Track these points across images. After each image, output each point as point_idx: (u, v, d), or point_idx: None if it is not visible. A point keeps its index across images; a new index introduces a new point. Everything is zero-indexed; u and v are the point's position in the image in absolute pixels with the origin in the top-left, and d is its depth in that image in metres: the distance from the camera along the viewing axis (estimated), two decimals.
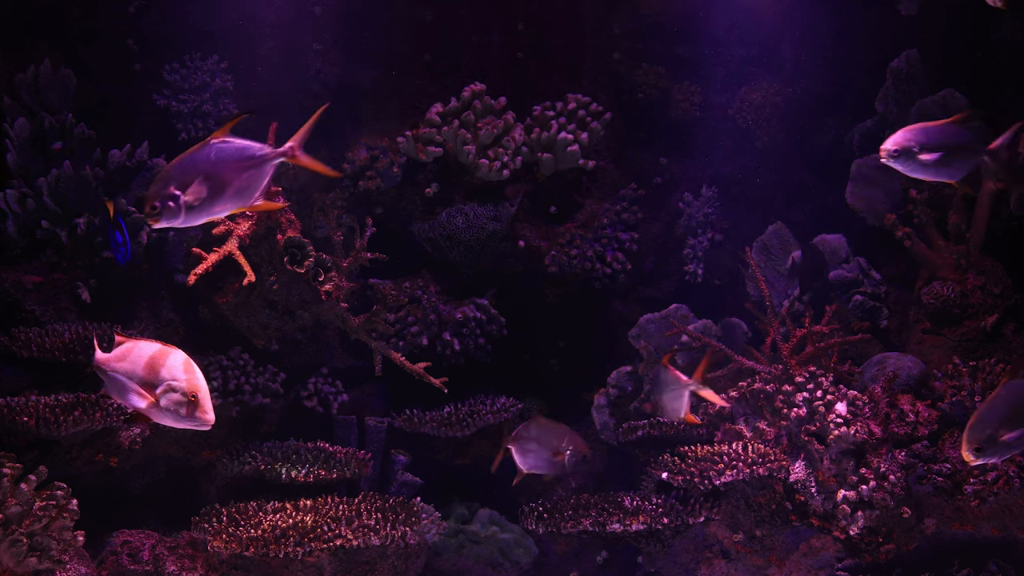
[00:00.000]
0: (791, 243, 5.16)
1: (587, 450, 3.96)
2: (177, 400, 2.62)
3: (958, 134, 3.29)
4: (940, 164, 3.26)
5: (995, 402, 3.03)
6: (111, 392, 2.75)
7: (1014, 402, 3.01)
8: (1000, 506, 3.84)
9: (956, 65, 5.06)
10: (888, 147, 3.24)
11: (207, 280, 4.11)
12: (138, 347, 2.68)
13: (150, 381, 2.63)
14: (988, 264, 4.43)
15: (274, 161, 2.80)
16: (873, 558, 3.93)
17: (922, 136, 3.25)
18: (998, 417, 3.01)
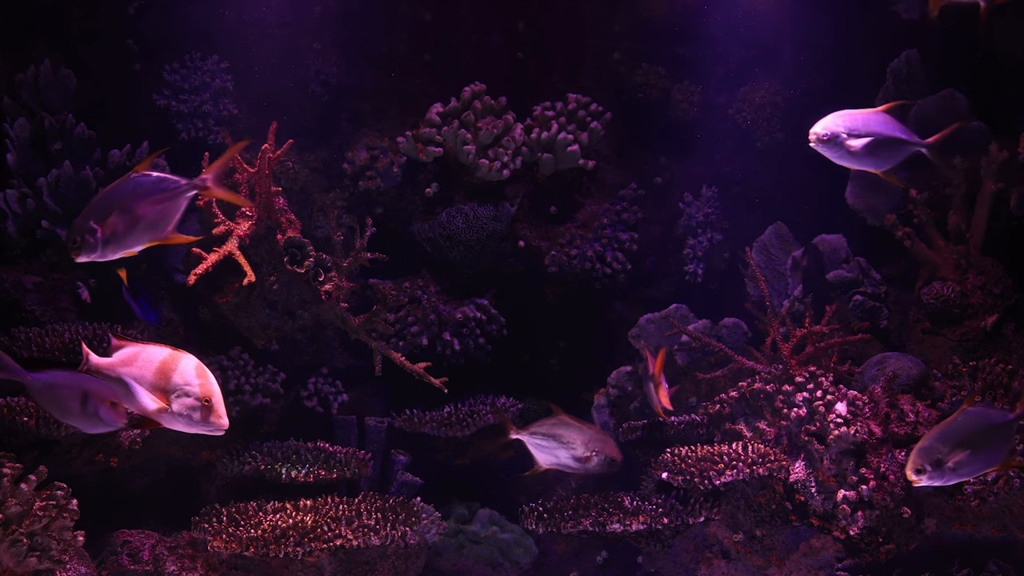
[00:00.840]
0: (791, 243, 5.16)
1: (618, 455, 3.91)
2: (191, 405, 2.61)
3: (888, 124, 3.23)
4: (868, 153, 3.20)
5: (948, 426, 3.02)
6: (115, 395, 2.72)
7: (966, 429, 3.00)
8: (1000, 506, 3.84)
9: (956, 65, 5.06)
10: (816, 131, 3.18)
11: (207, 280, 4.11)
12: (146, 351, 2.66)
13: (161, 386, 2.61)
14: (988, 264, 4.43)
15: (188, 193, 2.83)
16: (873, 558, 3.93)
17: (851, 122, 3.19)
18: (949, 442, 3.00)
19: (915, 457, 3.02)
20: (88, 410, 2.83)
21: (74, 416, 2.89)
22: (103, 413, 2.84)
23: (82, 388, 2.84)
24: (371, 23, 5.19)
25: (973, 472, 3.06)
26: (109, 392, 2.89)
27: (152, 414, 2.65)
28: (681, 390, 4.78)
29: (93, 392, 2.83)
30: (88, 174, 4.31)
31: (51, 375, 2.88)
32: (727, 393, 4.43)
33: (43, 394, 2.89)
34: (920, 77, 5.03)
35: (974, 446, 2.99)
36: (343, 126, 5.12)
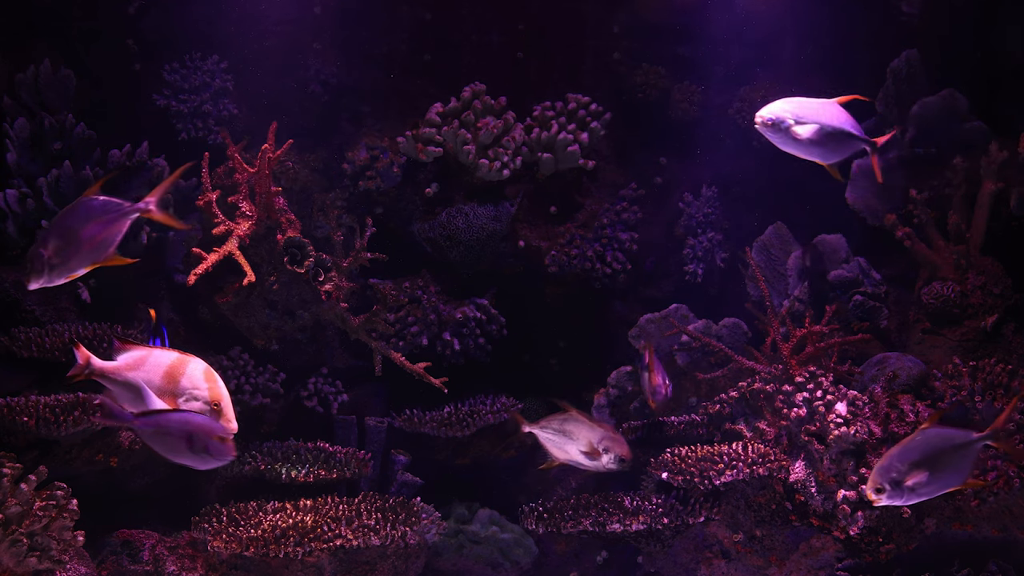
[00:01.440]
0: (791, 243, 5.16)
1: (628, 454, 3.90)
2: (199, 409, 2.61)
3: (838, 116, 3.20)
4: (814, 142, 3.18)
5: (908, 446, 3.02)
6: (119, 400, 2.71)
7: (926, 449, 3.00)
8: (1000, 506, 3.84)
9: (956, 65, 5.06)
10: (763, 115, 3.14)
11: (207, 280, 4.11)
12: (153, 355, 2.65)
13: (170, 390, 2.61)
14: (988, 264, 4.43)
15: (131, 215, 2.88)
16: (873, 558, 3.93)
17: (799, 110, 3.17)
18: (907, 461, 3.00)
19: (874, 476, 3.03)
20: (197, 447, 2.92)
21: (183, 455, 2.99)
22: (212, 449, 2.94)
23: (188, 427, 2.94)
24: (371, 23, 5.19)
25: (932, 492, 3.05)
26: (216, 427, 3.00)
27: None
28: (681, 390, 4.78)
29: (200, 429, 2.93)
30: (88, 174, 4.31)
31: (158, 419, 2.97)
32: (727, 393, 4.43)
33: (152, 437, 2.98)
34: (920, 77, 5.03)
35: (933, 466, 2.99)
36: (343, 126, 5.12)
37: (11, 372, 4.00)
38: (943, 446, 3.00)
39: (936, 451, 3.00)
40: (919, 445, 3.00)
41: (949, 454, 3.01)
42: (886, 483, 3.00)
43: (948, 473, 3.01)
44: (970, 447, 3.02)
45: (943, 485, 3.03)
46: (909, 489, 3.00)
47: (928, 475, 2.99)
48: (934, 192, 4.70)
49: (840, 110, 3.20)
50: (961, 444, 3.01)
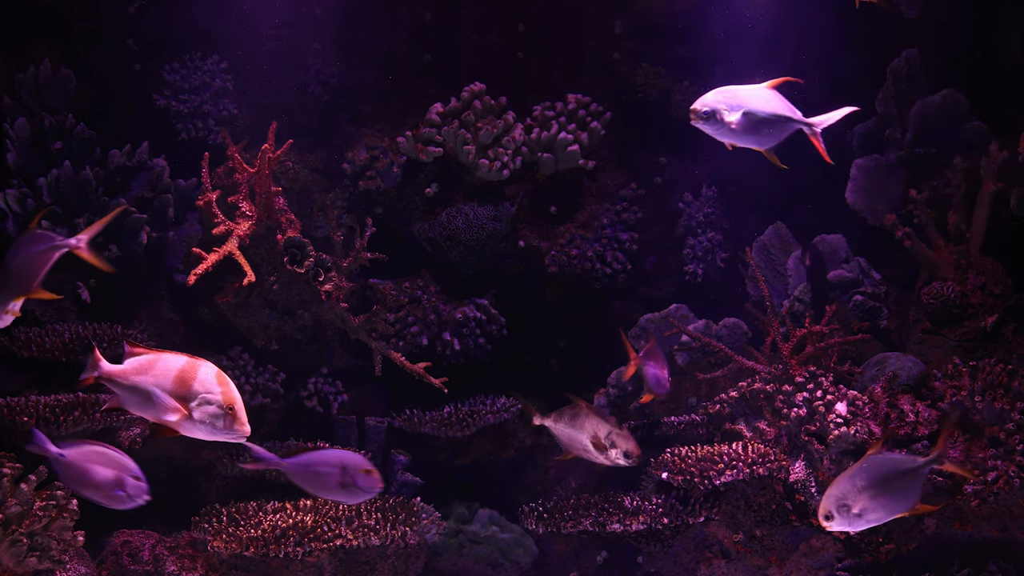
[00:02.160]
0: (791, 243, 5.16)
1: (637, 449, 3.90)
2: (214, 413, 2.59)
3: (771, 101, 3.12)
4: (749, 129, 3.13)
5: (856, 472, 3.05)
6: (127, 405, 2.68)
7: (873, 475, 3.02)
8: (1000, 506, 3.84)
9: (956, 65, 5.06)
10: (696, 107, 3.06)
11: (207, 280, 4.11)
12: (163, 359, 2.63)
13: (182, 394, 2.59)
14: (988, 264, 4.43)
15: (60, 250, 2.95)
16: (873, 558, 3.93)
17: (732, 98, 3.09)
18: (855, 488, 3.03)
19: (823, 502, 3.06)
20: (346, 482, 3.10)
21: (334, 491, 3.17)
22: (361, 482, 3.12)
23: (339, 463, 3.12)
24: (371, 23, 5.19)
25: (881, 518, 3.07)
26: (362, 461, 3.19)
27: (173, 423, 2.62)
28: (681, 390, 4.78)
29: (350, 465, 3.12)
30: (88, 174, 4.31)
31: (308, 457, 3.16)
32: (727, 393, 4.43)
33: (302, 476, 3.15)
34: (920, 77, 5.03)
35: (881, 492, 3.02)
36: (343, 126, 5.12)
37: (11, 372, 4.00)
38: (890, 472, 3.03)
39: (883, 477, 3.02)
40: (866, 471, 3.03)
41: (896, 480, 3.03)
42: (834, 510, 3.03)
43: (896, 498, 3.04)
44: (917, 472, 3.05)
45: (892, 511, 3.06)
46: (856, 515, 3.02)
47: (876, 501, 3.01)
48: (934, 192, 4.70)
49: (773, 94, 3.14)
50: (908, 470, 3.04)
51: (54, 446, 3.12)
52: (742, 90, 3.11)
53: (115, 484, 3.09)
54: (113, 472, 3.09)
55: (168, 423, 2.63)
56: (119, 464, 3.11)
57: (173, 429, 2.63)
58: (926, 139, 4.92)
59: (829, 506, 3.04)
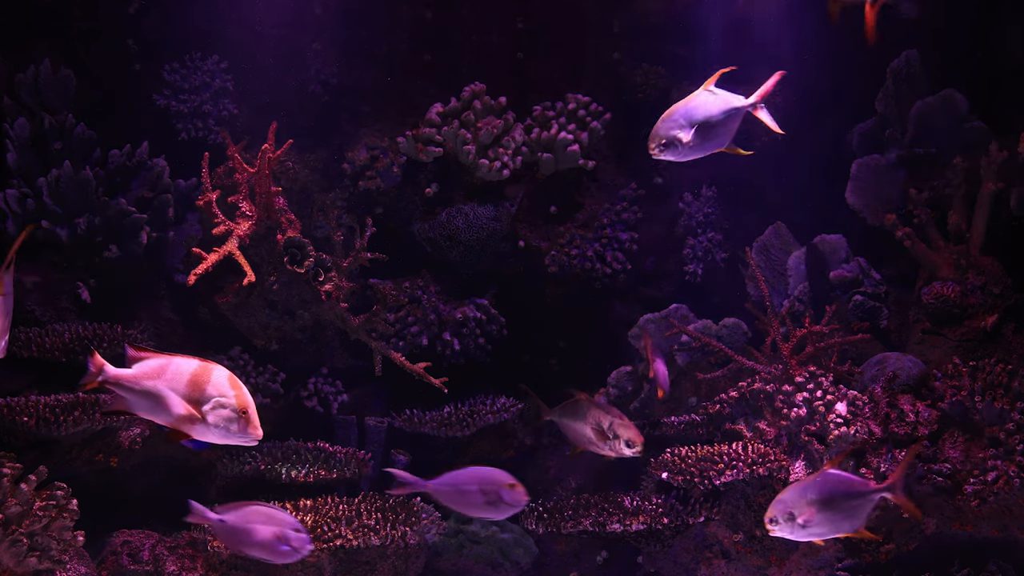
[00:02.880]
0: (791, 243, 5.16)
1: (640, 437, 3.86)
2: (228, 416, 2.58)
3: (712, 102, 3.12)
4: (705, 138, 3.14)
5: (808, 484, 3.08)
6: (136, 409, 2.65)
7: (823, 490, 3.05)
8: (1000, 506, 3.84)
9: (956, 65, 5.05)
10: (652, 144, 3.09)
11: (207, 280, 4.11)
12: (174, 363, 2.61)
13: (195, 398, 2.58)
14: (988, 264, 4.43)
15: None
16: (873, 558, 3.93)
17: (681, 117, 3.09)
18: (803, 499, 3.06)
19: (771, 507, 3.09)
20: (492, 499, 3.20)
21: (480, 508, 3.29)
22: (507, 497, 3.22)
23: (482, 481, 3.24)
24: (371, 23, 5.19)
25: (824, 534, 3.11)
26: (505, 476, 3.28)
27: (187, 427, 2.60)
28: (681, 390, 4.77)
29: (490, 482, 3.22)
30: (88, 174, 4.31)
31: (451, 477, 3.31)
32: (727, 393, 4.42)
33: (447, 495, 3.29)
34: (920, 77, 5.03)
35: (827, 508, 3.05)
36: (343, 126, 5.12)
37: (11, 372, 4.00)
38: (842, 492, 3.06)
39: (833, 495, 3.05)
40: (818, 486, 3.06)
41: (845, 500, 3.06)
42: (780, 516, 3.07)
43: (842, 518, 3.07)
44: (867, 497, 3.07)
45: (835, 529, 3.09)
46: (800, 526, 3.05)
47: (821, 516, 3.04)
48: (934, 192, 4.70)
49: (711, 93, 3.16)
50: (859, 493, 3.06)
51: (213, 513, 3.24)
52: (686, 105, 3.13)
53: (279, 540, 3.19)
54: (275, 528, 3.19)
55: (183, 428, 2.61)
56: (277, 519, 3.21)
57: (186, 433, 2.62)
58: (926, 139, 4.92)
59: (776, 511, 3.08)
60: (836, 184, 5.10)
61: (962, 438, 4.01)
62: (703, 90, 3.13)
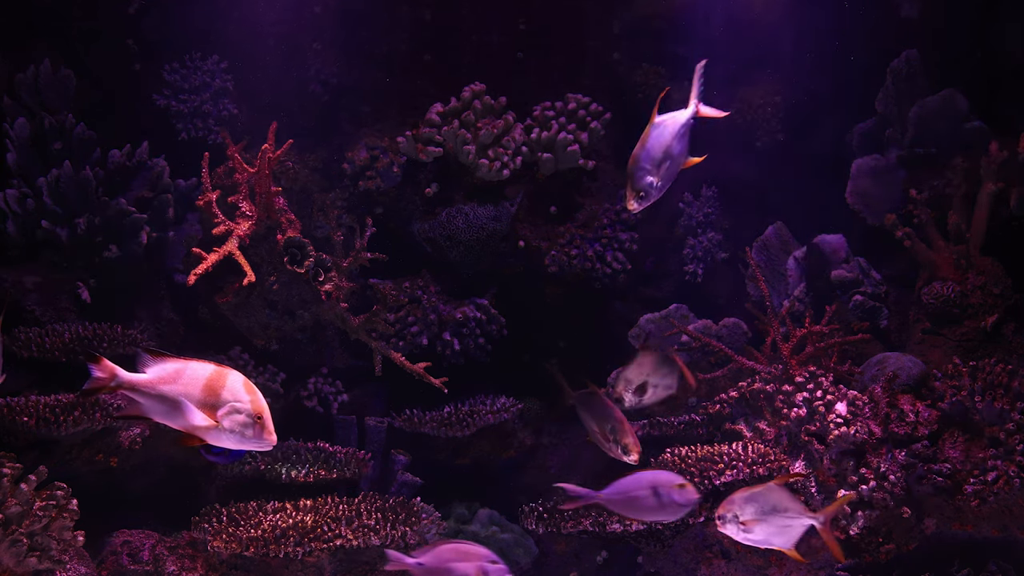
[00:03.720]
0: (791, 243, 5.16)
1: (636, 447, 3.81)
2: (243, 422, 2.57)
3: (663, 130, 3.18)
4: (672, 167, 3.18)
5: (755, 492, 3.20)
6: (151, 414, 2.63)
7: (765, 503, 3.18)
8: (1000, 506, 3.84)
9: (956, 65, 5.06)
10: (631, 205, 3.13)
11: (207, 280, 4.11)
12: (190, 367, 2.60)
13: (211, 403, 2.58)
14: (988, 264, 4.43)
15: None
16: (873, 558, 3.93)
17: (647, 160, 3.14)
18: (747, 505, 3.18)
19: (723, 504, 3.23)
20: (663, 501, 3.22)
21: (653, 511, 3.30)
22: (678, 497, 3.24)
23: (652, 484, 3.26)
24: (371, 23, 5.19)
25: (759, 542, 3.24)
26: (672, 476, 3.30)
27: (201, 432, 2.59)
28: None
29: (662, 483, 3.25)
30: (88, 174, 4.31)
31: (621, 485, 3.33)
32: (727, 393, 4.42)
33: (619, 503, 3.32)
34: (920, 77, 5.03)
35: (766, 519, 3.19)
36: (343, 126, 5.12)
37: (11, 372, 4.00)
38: (780, 509, 3.18)
39: (772, 509, 3.18)
40: (761, 497, 3.20)
41: (782, 518, 3.17)
42: (727, 515, 3.22)
43: (776, 533, 3.21)
44: (799, 520, 3.18)
45: (770, 540, 3.23)
46: (743, 529, 3.20)
47: (760, 526, 3.19)
48: (934, 192, 4.70)
49: (656, 129, 3.17)
50: (794, 516, 3.17)
51: (410, 558, 3.28)
52: (647, 149, 3.14)
53: (480, 574, 3.23)
54: (473, 564, 3.23)
55: (198, 433, 2.60)
56: (474, 554, 3.25)
57: (200, 438, 2.61)
58: (926, 139, 4.92)
59: (724, 509, 3.22)
60: (836, 184, 5.10)
61: (962, 438, 4.01)
62: (649, 127, 3.15)
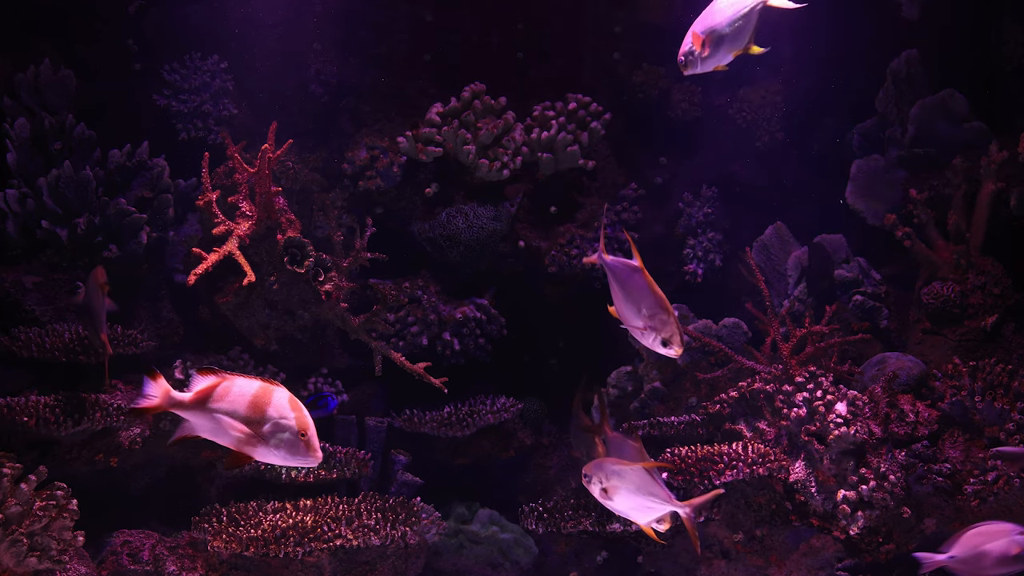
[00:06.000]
0: (791, 243, 5.16)
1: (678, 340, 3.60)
2: (289, 440, 2.57)
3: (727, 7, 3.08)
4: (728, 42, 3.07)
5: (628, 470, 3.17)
6: (200, 432, 2.64)
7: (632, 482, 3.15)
8: (1000, 506, 3.84)
9: (956, 65, 5.06)
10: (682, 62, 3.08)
11: (207, 280, 4.11)
12: (236, 384, 2.59)
13: (256, 420, 2.57)
14: (988, 264, 4.43)
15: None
16: (873, 558, 3.93)
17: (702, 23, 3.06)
18: (616, 477, 3.17)
19: (594, 465, 3.21)
20: None
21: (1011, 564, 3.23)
22: None
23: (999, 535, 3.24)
24: (371, 23, 5.19)
25: (618, 510, 3.22)
26: (1010, 526, 3.25)
27: (248, 450, 2.59)
28: (681, 390, 4.77)
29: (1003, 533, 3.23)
30: (88, 174, 4.31)
31: (967, 542, 3.25)
32: (727, 393, 4.42)
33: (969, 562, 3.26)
34: (920, 77, 5.03)
35: (629, 495, 3.16)
36: (343, 126, 5.12)
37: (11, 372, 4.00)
38: (645, 490, 3.14)
39: (637, 489, 3.15)
40: (629, 474, 3.15)
41: (647, 499, 3.14)
42: (593, 477, 3.20)
43: (635, 508, 3.17)
44: (662, 504, 3.14)
45: (626, 512, 3.20)
46: (605, 495, 3.18)
47: (619, 496, 3.16)
48: (934, 192, 4.70)
49: None
50: (658, 501, 3.13)
51: (941, 555, 3.28)
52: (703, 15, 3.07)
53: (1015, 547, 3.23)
54: (1004, 541, 3.22)
55: (245, 451, 2.60)
56: (999, 531, 3.24)
57: (249, 456, 2.61)
58: (926, 139, 4.92)
59: (594, 471, 3.20)
60: (836, 184, 5.10)
61: (962, 438, 4.01)
62: None
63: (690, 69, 3.14)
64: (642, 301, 3.21)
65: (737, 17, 3.03)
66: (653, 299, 3.19)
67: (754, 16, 3.01)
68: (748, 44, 3.08)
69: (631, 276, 3.26)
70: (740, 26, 3.05)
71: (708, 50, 3.10)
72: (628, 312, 3.27)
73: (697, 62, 3.12)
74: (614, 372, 4.88)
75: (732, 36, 3.07)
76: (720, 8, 3.05)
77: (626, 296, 3.29)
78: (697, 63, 3.12)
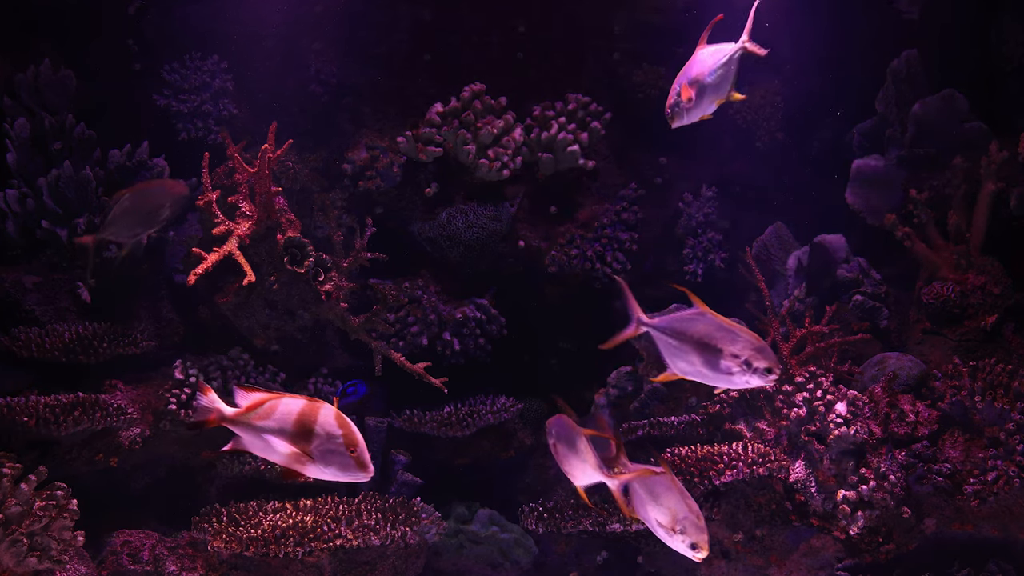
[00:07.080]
0: (791, 243, 5.16)
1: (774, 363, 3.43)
2: (338, 457, 2.58)
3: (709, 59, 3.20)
4: (711, 92, 3.22)
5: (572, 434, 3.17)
6: (251, 448, 2.66)
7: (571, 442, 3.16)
8: (1000, 506, 3.84)
9: (956, 65, 5.06)
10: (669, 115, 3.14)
11: (207, 280, 4.11)
12: (283, 402, 2.61)
13: (304, 437, 2.57)
14: (988, 264, 4.43)
15: None
16: (873, 558, 3.93)
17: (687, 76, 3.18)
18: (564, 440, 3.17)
19: (549, 422, 3.24)
20: None
21: None
22: None
23: None
24: (371, 23, 5.19)
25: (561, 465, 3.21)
26: None
27: (299, 467, 2.60)
28: (681, 390, 4.77)
29: None
30: (88, 174, 4.32)
31: None
32: (727, 393, 4.42)
33: None
34: (920, 77, 5.03)
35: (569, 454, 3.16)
36: (343, 126, 5.12)
37: (11, 372, 4.00)
38: (580, 454, 3.12)
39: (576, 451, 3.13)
40: (577, 440, 3.14)
41: (581, 462, 3.11)
42: (551, 429, 3.22)
43: (574, 468, 3.15)
44: (593, 474, 3.10)
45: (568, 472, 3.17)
46: (553, 447, 3.20)
47: (563, 458, 3.16)
48: (934, 192, 4.70)
49: (705, 50, 3.25)
50: (591, 470, 3.09)
51: None
52: (686, 68, 3.23)
53: None
54: None
55: (295, 468, 2.61)
56: None
57: (300, 472, 2.62)
58: (926, 139, 4.92)
59: (551, 424, 3.22)
60: (836, 184, 5.10)
61: (962, 438, 4.01)
62: (696, 52, 3.19)
63: (677, 121, 3.28)
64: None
65: (718, 66, 3.13)
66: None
67: (734, 63, 3.12)
68: (730, 92, 3.19)
69: None
70: (722, 75, 3.16)
71: (694, 101, 3.20)
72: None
73: (683, 113, 3.23)
74: (614, 372, 4.88)
75: (714, 86, 3.21)
76: (701, 59, 3.16)
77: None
78: (683, 114, 3.24)
